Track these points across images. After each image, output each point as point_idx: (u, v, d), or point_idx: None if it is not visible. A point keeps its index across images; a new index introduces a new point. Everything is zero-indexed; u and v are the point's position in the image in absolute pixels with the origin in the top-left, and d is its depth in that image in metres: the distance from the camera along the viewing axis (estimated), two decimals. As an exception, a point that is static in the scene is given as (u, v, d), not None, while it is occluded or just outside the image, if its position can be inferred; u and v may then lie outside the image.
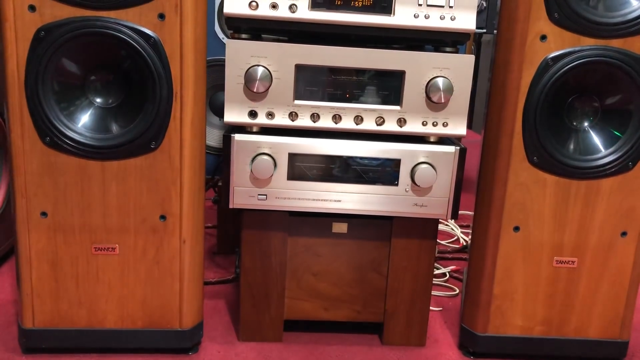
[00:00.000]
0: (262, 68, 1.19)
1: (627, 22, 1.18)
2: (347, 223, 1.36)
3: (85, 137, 1.17)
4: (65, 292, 1.25)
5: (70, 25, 1.11)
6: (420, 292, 1.40)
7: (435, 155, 1.25)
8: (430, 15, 1.18)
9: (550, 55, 1.20)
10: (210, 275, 1.71)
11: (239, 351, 1.37)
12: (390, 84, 1.23)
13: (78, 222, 1.22)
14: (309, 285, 1.39)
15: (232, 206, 1.27)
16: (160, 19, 1.14)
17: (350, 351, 1.39)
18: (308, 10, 1.17)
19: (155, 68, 1.14)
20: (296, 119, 1.23)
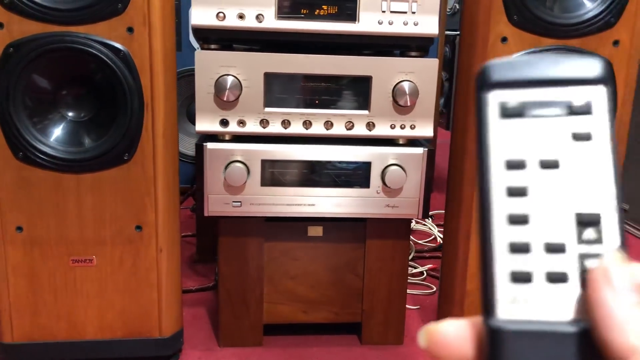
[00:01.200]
0: (232, 77, 1.21)
1: (583, 22, 1.23)
2: (322, 226, 1.38)
3: (59, 151, 1.19)
4: (44, 306, 1.26)
5: (39, 41, 1.12)
6: (396, 291, 1.43)
7: (404, 157, 1.28)
8: (394, 22, 1.21)
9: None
10: (191, 283, 1.72)
11: (219, 357, 1.38)
12: (358, 90, 1.26)
13: (54, 236, 1.23)
14: (287, 289, 1.41)
15: (207, 214, 1.29)
16: (129, 32, 1.15)
17: (330, 352, 1.42)
18: (274, 20, 1.20)
19: (125, 81, 1.16)
20: (267, 126, 1.26)
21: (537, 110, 0.27)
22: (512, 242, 0.27)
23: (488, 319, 0.27)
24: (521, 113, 0.27)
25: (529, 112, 0.27)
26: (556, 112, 0.27)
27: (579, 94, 0.27)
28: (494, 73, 0.28)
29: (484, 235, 0.27)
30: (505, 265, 0.27)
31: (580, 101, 0.27)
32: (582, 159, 0.27)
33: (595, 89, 0.27)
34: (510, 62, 0.28)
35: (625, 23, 1.24)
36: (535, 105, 0.27)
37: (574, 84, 0.27)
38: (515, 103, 0.27)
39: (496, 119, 0.27)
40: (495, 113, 0.27)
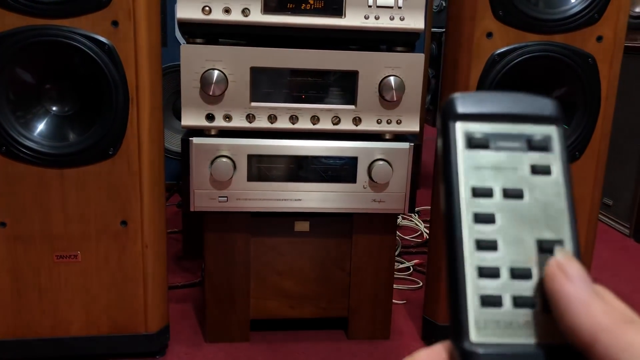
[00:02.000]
0: (218, 71, 1.20)
1: (568, 17, 1.24)
2: (308, 221, 1.38)
3: (42, 146, 1.18)
4: (28, 302, 1.25)
5: (23, 35, 1.11)
6: (382, 286, 1.43)
7: (391, 152, 1.29)
8: (380, 16, 1.22)
9: (496, 51, 1.24)
10: (177, 279, 1.72)
11: (206, 352, 1.38)
12: (345, 84, 1.26)
13: (38, 231, 1.22)
14: (274, 284, 1.41)
15: (193, 209, 1.28)
16: (114, 26, 1.15)
17: (317, 347, 1.42)
18: (261, 14, 1.19)
19: (110, 75, 1.15)
20: (253, 120, 1.25)
21: (500, 143, 0.29)
22: (482, 266, 0.28)
23: (460, 342, 0.27)
24: (486, 145, 0.29)
25: (493, 144, 0.29)
26: (517, 146, 0.29)
27: (537, 131, 0.29)
28: (461, 105, 0.29)
29: (454, 259, 0.28)
30: (476, 289, 0.28)
31: (539, 137, 0.29)
32: (543, 191, 0.29)
33: (551, 128, 0.30)
34: (475, 95, 0.29)
35: (609, 19, 1.25)
36: (498, 138, 0.29)
37: (533, 121, 0.29)
38: (480, 135, 0.29)
39: (463, 149, 0.29)
40: (461, 143, 0.29)
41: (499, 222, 0.28)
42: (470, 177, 0.29)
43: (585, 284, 0.26)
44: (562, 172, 0.29)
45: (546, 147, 0.29)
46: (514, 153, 0.29)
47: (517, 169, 0.29)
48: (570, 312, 0.26)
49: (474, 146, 0.29)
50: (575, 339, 0.25)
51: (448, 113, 0.29)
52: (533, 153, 0.29)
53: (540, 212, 0.29)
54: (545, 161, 0.29)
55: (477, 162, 0.29)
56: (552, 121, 0.30)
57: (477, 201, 0.28)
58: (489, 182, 0.29)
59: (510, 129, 0.29)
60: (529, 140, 0.29)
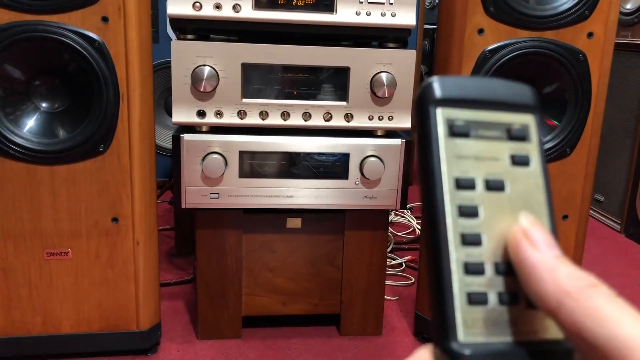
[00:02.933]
0: (209, 68, 1.20)
1: (558, 14, 1.24)
2: (300, 218, 1.38)
3: (32, 143, 1.17)
4: (18, 300, 1.24)
5: (11, 30, 1.10)
6: (374, 282, 1.43)
7: (383, 148, 1.29)
8: (372, 12, 1.21)
9: (487, 48, 1.24)
10: (169, 276, 1.71)
11: (198, 349, 1.38)
12: (336, 81, 1.26)
13: (28, 228, 1.21)
14: (266, 281, 1.41)
15: (185, 206, 1.28)
16: (104, 22, 1.14)
17: (309, 343, 1.42)
18: (252, 10, 1.19)
19: (100, 71, 1.14)
20: (245, 117, 1.25)
21: (481, 132, 0.28)
22: (468, 262, 0.27)
23: (447, 343, 0.26)
24: (467, 133, 0.28)
25: (473, 133, 0.28)
26: (497, 135, 0.28)
27: (516, 119, 0.29)
28: (441, 89, 0.27)
29: (439, 256, 0.27)
30: (462, 286, 0.27)
31: (518, 126, 0.28)
32: (523, 183, 0.28)
33: (529, 117, 0.29)
34: (454, 79, 0.28)
35: (599, 15, 1.25)
36: (479, 126, 0.28)
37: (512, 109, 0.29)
38: (461, 122, 0.28)
39: (444, 137, 0.27)
40: (443, 130, 0.27)
41: (482, 215, 0.27)
42: (453, 168, 0.27)
43: (550, 250, 0.26)
44: (539, 163, 0.29)
45: (525, 137, 0.29)
46: (494, 142, 0.28)
47: (497, 159, 0.28)
48: (536, 278, 0.25)
49: (455, 134, 0.27)
50: (541, 304, 0.25)
51: (428, 98, 0.27)
52: (512, 143, 0.28)
53: (521, 204, 0.28)
54: (524, 151, 0.28)
55: (460, 151, 0.27)
56: (531, 110, 0.29)
57: (461, 193, 0.27)
58: (471, 172, 0.27)
59: (491, 117, 0.28)
60: (509, 129, 0.28)
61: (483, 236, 0.27)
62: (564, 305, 0.24)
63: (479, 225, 0.27)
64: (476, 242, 0.27)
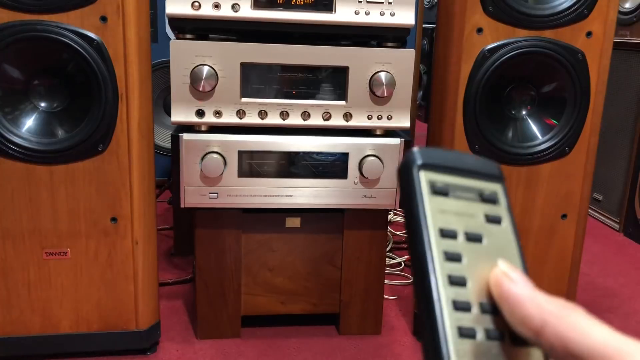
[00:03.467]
0: (208, 67, 1.20)
1: (557, 13, 1.24)
2: (300, 217, 1.38)
3: (31, 142, 1.17)
4: (17, 299, 1.24)
5: (10, 30, 1.10)
6: (373, 281, 1.43)
7: (382, 148, 1.29)
8: (371, 12, 1.21)
9: (486, 47, 1.24)
10: (168, 276, 1.71)
11: (197, 349, 1.38)
12: (335, 80, 1.26)
13: (27, 228, 1.21)
14: (265, 280, 1.41)
15: (184, 206, 1.28)
16: (103, 22, 1.14)
17: (308, 342, 1.42)
18: (251, 10, 1.19)
19: (99, 70, 1.14)
20: (244, 116, 1.25)
21: (458, 193, 0.33)
22: (455, 300, 0.30)
23: None
24: (446, 193, 0.32)
25: (452, 193, 0.32)
26: (472, 197, 0.33)
27: (486, 186, 0.34)
28: (422, 157, 0.32)
29: (430, 293, 0.30)
30: (453, 321, 0.30)
31: (488, 192, 0.34)
32: (497, 238, 0.33)
33: (497, 185, 0.34)
34: (431, 150, 0.33)
35: (598, 15, 1.25)
36: (456, 188, 0.33)
37: (482, 178, 0.34)
38: (441, 184, 0.32)
39: (428, 194, 0.32)
40: (426, 189, 0.32)
41: (465, 261, 0.31)
42: (437, 219, 0.31)
43: (527, 285, 0.30)
44: (509, 222, 0.34)
45: (495, 201, 0.34)
46: (470, 202, 0.33)
47: (474, 216, 0.33)
48: (519, 306, 0.29)
49: (436, 192, 0.32)
50: (526, 327, 0.29)
51: (412, 163, 0.32)
52: (485, 204, 0.33)
53: (497, 254, 0.32)
54: (496, 212, 0.33)
55: (441, 206, 0.32)
56: (498, 179, 0.34)
57: (445, 241, 0.31)
58: (453, 225, 0.32)
59: (465, 182, 0.33)
60: (481, 193, 0.33)
61: (467, 279, 0.31)
62: (549, 324, 0.28)
63: (463, 269, 0.31)
64: (462, 283, 0.31)
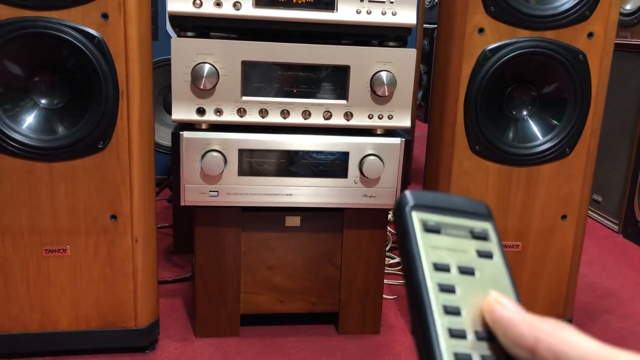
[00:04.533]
0: (209, 65, 1.20)
1: (559, 14, 1.24)
2: (299, 216, 1.38)
3: (31, 139, 1.17)
4: (16, 296, 1.24)
5: (11, 26, 1.10)
6: (373, 281, 1.43)
7: (382, 147, 1.29)
8: (372, 11, 1.21)
9: (488, 47, 1.24)
10: (167, 274, 1.71)
11: (196, 347, 1.38)
12: (336, 79, 1.26)
13: (27, 225, 1.21)
14: (264, 279, 1.41)
15: (184, 204, 1.28)
16: (104, 19, 1.13)
17: (307, 341, 1.42)
18: (252, 8, 1.19)
19: (100, 67, 1.14)
20: (245, 115, 1.25)
21: (450, 230, 0.35)
22: (451, 328, 0.32)
23: None
24: (438, 230, 0.35)
25: (444, 231, 0.35)
26: (463, 234, 0.35)
27: (476, 225, 0.36)
28: (414, 199, 0.35)
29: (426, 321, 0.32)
30: (449, 347, 0.31)
31: (479, 230, 0.36)
32: (489, 271, 0.35)
33: (486, 223, 0.36)
34: (423, 193, 0.36)
35: (600, 15, 1.25)
36: (447, 227, 0.35)
37: (472, 217, 0.36)
38: (433, 222, 0.35)
39: (420, 231, 0.34)
40: (419, 227, 0.34)
41: (458, 292, 0.33)
42: (430, 255, 0.34)
43: (518, 308, 0.32)
44: (501, 257, 0.36)
45: (486, 237, 0.36)
46: (461, 239, 0.35)
47: (466, 252, 0.35)
48: (512, 326, 0.31)
49: (429, 230, 0.34)
50: (521, 346, 0.31)
51: (405, 204, 0.35)
52: (476, 241, 0.35)
53: (490, 286, 0.34)
54: (487, 248, 0.36)
55: (434, 243, 0.34)
56: (487, 218, 0.37)
57: (439, 274, 0.33)
58: (446, 259, 0.34)
59: (456, 221, 0.35)
60: (472, 231, 0.36)
61: (462, 308, 0.33)
62: (541, 340, 0.30)
63: (457, 299, 0.33)
64: (456, 312, 0.33)
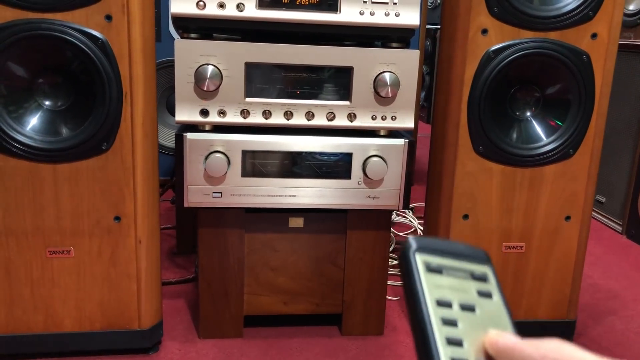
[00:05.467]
0: (212, 67, 1.20)
1: (563, 14, 1.24)
2: (303, 217, 1.38)
3: (35, 141, 1.17)
4: (20, 298, 1.24)
5: (15, 28, 1.10)
6: (376, 282, 1.43)
7: (385, 148, 1.28)
8: (375, 12, 1.21)
9: (491, 48, 1.24)
10: (170, 275, 1.71)
11: (199, 348, 1.38)
12: (340, 80, 1.26)
13: (31, 226, 1.21)
14: (268, 280, 1.41)
15: (187, 205, 1.28)
16: (108, 20, 1.14)
17: (310, 343, 1.42)
18: (255, 9, 1.19)
19: (103, 69, 1.14)
20: (248, 116, 1.25)
21: (451, 272, 0.38)
22: (454, 357, 0.35)
23: None
24: (440, 271, 0.38)
25: (445, 272, 0.38)
26: (464, 275, 0.39)
27: (475, 268, 0.40)
28: (418, 244, 0.39)
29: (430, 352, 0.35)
30: None
31: (478, 272, 0.39)
32: (489, 309, 0.38)
33: (485, 267, 0.40)
34: (426, 239, 0.39)
35: (603, 16, 1.25)
36: (448, 268, 0.39)
37: (471, 261, 0.40)
38: (435, 264, 0.38)
39: (424, 272, 0.38)
40: (422, 268, 0.38)
41: (460, 326, 0.36)
42: (433, 292, 0.37)
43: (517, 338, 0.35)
44: (500, 298, 0.39)
45: (485, 279, 0.39)
46: (462, 280, 0.39)
47: (467, 291, 0.38)
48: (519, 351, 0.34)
49: (431, 270, 0.38)
50: None
51: (409, 248, 0.38)
52: (476, 282, 0.39)
53: (490, 323, 0.37)
54: (487, 289, 0.39)
55: (436, 282, 0.38)
56: (486, 262, 0.40)
57: (442, 310, 0.37)
58: (448, 297, 0.37)
59: (457, 264, 0.39)
60: (472, 273, 0.39)
61: (464, 340, 0.36)
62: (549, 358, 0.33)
63: (459, 332, 0.36)
64: (459, 343, 0.35)
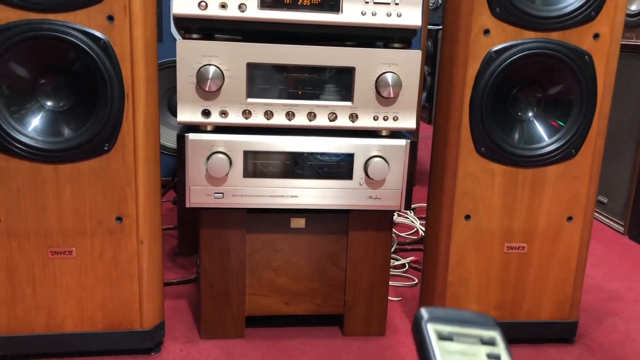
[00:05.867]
0: (214, 67, 1.20)
1: (565, 15, 1.24)
2: (304, 218, 1.38)
3: (37, 141, 1.17)
4: (22, 298, 1.24)
5: (17, 29, 1.10)
6: (378, 282, 1.43)
7: (387, 149, 1.28)
8: (377, 13, 1.21)
9: (493, 48, 1.24)
10: (172, 275, 1.71)
11: (201, 349, 1.38)
12: (341, 81, 1.26)
13: (33, 227, 1.21)
14: (270, 280, 1.41)
15: (189, 205, 1.28)
16: (110, 21, 1.14)
17: (312, 343, 1.42)
18: (257, 10, 1.19)
19: (105, 70, 1.14)
20: (250, 116, 1.25)
21: (461, 338, 0.42)
22: None
23: None
24: (451, 338, 0.41)
25: (456, 339, 0.42)
26: (473, 341, 0.42)
27: (484, 333, 0.43)
28: (429, 314, 0.42)
29: None
30: None
31: (487, 337, 0.42)
32: None
33: (494, 332, 0.43)
34: (438, 309, 0.43)
35: (606, 17, 1.25)
36: (459, 335, 0.42)
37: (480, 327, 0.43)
38: (446, 332, 0.42)
39: (436, 340, 0.41)
40: (434, 336, 0.41)
41: None
42: (445, 358, 0.40)
43: None
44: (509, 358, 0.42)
45: (494, 343, 0.42)
46: (472, 345, 0.42)
47: (477, 355, 0.41)
48: None
49: (443, 338, 0.41)
50: None
51: (421, 318, 0.42)
52: (486, 346, 0.42)
53: None
54: (496, 351, 0.42)
55: (448, 348, 0.41)
56: (494, 328, 0.43)
57: None
58: None
59: (466, 331, 0.42)
60: (481, 338, 0.42)
61: None
62: None
63: None
64: None
